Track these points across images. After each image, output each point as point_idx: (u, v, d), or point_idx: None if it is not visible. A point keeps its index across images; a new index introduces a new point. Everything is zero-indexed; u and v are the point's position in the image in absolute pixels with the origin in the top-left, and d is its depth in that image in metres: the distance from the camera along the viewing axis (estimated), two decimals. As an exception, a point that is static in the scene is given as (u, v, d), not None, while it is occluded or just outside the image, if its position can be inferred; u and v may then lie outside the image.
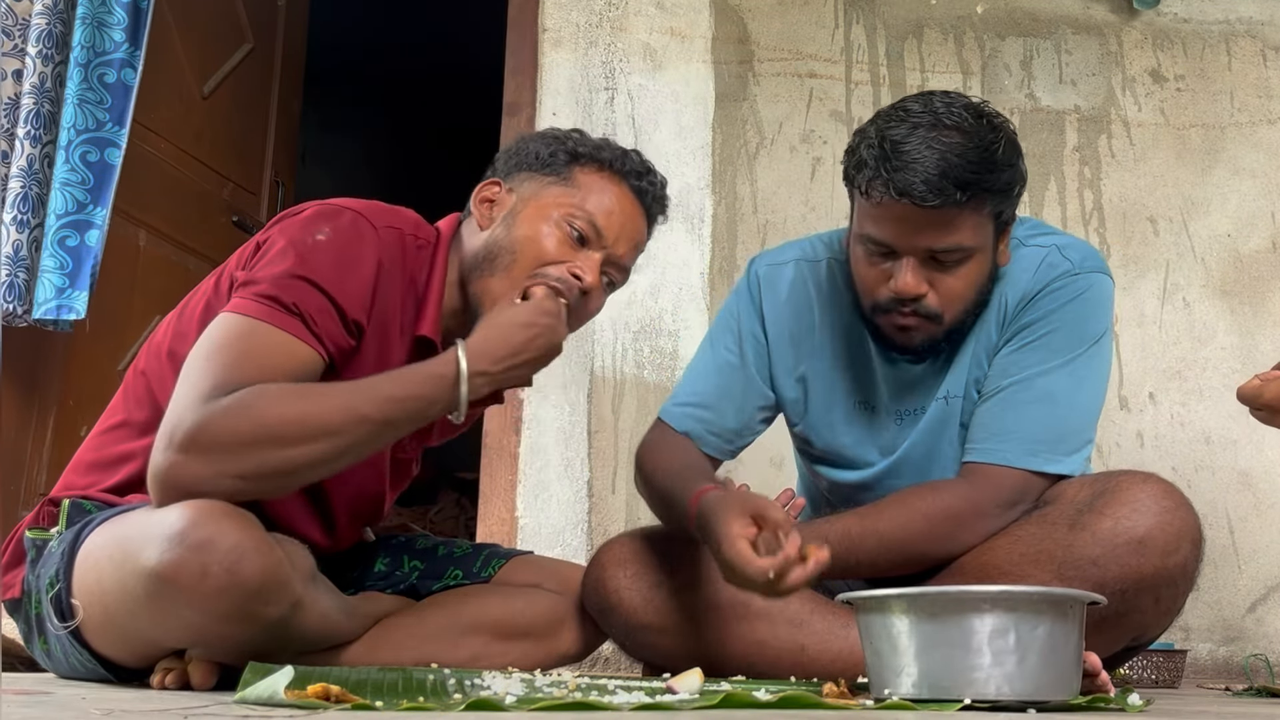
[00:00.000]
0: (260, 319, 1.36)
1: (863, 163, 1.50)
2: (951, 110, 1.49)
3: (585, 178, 1.56)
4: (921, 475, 1.63)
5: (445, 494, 4.61)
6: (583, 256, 1.53)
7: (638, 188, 1.59)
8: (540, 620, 1.66)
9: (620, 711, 1.05)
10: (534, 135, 1.64)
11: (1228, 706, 1.45)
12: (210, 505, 1.25)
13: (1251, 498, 2.87)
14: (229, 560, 1.22)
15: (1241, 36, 3.11)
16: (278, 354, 1.36)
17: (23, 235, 2.42)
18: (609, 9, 3.01)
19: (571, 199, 1.54)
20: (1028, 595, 1.15)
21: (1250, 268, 2.99)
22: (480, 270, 1.53)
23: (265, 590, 1.25)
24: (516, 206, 1.55)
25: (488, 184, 1.60)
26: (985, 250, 1.53)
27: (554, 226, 1.52)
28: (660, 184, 1.63)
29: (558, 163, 1.57)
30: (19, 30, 2.50)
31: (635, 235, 1.59)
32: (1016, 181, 1.52)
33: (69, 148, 2.46)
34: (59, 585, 1.36)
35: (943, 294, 1.53)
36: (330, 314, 1.40)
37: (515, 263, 1.51)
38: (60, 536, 1.41)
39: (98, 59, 2.52)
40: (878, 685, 1.18)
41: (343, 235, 1.44)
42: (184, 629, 1.29)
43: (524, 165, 1.59)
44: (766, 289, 1.74)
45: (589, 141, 1.60)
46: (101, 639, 1.35)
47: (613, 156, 1.58)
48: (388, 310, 1.49)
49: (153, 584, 1.23)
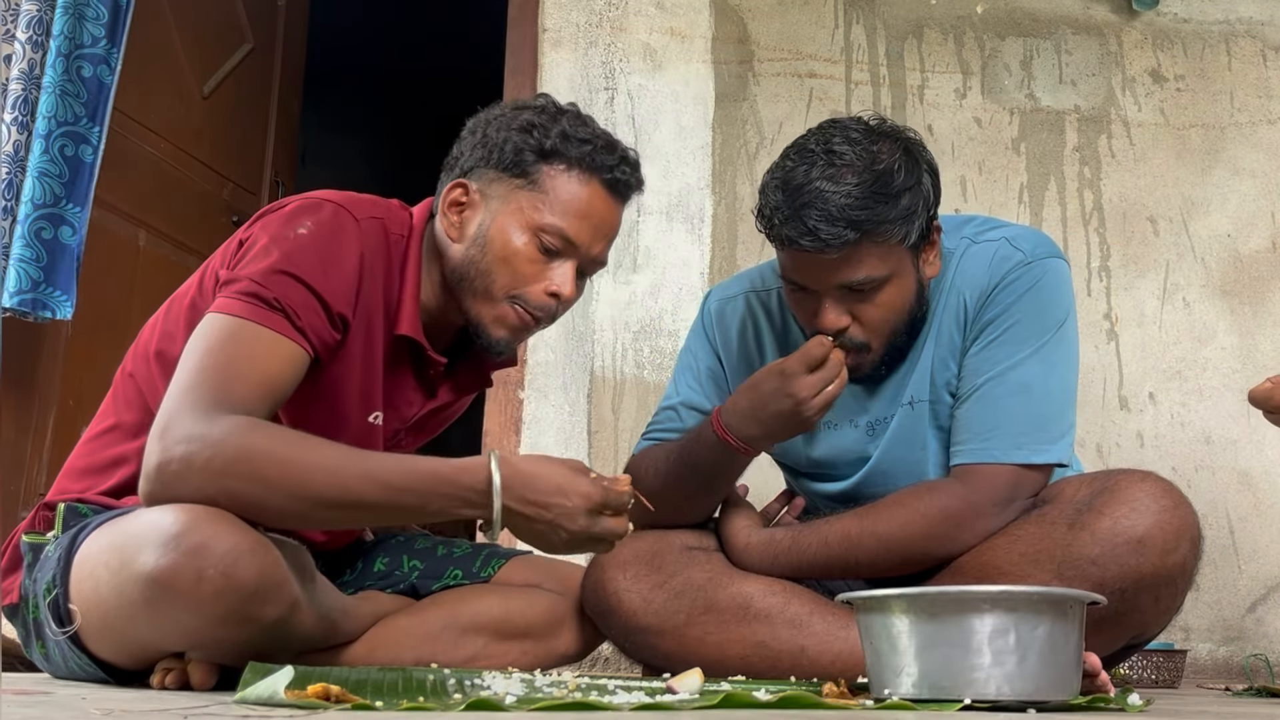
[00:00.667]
0: (245, 318, 1.36)
1: (762, 211, 1.55)
2: (846, 144, 1.52)
3: (554, 181, 1.49)
4: (899, 481, 1.63)
5: (445, 494, 4.61)
6: (556, 268, 1.50)
7: (610, 181, 1.52)
8: (540, 620, 1.66)
9: (620, 711, 1.05)
10: (499, 119, 1.54)
11: (1228, 706, 1.45)
12: (206, 509, 1.25)
13: (1251, 498, 2.87)
14: (225, 564, 1.21)
15: (1241, 36, 3.11)
16: (264, 353, 1.36)
17: (5, 222, 2.39)
18: (609, 9, 3.01)
19: (541, 209, 1.48)
20: (1028, 595, 1.15)
21: (1250, 268, 2.99)
22: (461, 289, 1.51)
23: (262, 593, 1.25)
24: (484, 221, 1.50)
25: (454, 186, 1.54)
26: (902, 273, 1.55)
27: (525, 245, 1.48)
28: (633, 166, 1.56)
29: (525, 162, 1.50)
30: (10, 16, 2.48)
31: (610, 230, 1.55)
32: (919, 202, 1.53)
33: (49, 137, 2.43)
34: (56, 590, 1.35)
35: (866, 324, 1.55)
36: (315, 309, 1.40)
37: (492, 285, 1.49)
38: (57, 541, 1.41)
39: (77, 50, 2.49)
40: (878, 685, 1.18)
41: (324, 228, 1.43)
42: (181, 632, 1.29)
43: (489, 162, 1.52)
44: (718, 323, 1.78)
45: (556, 129, 1.51)
46: (100, 643, 1.35)
47: (581, 153, 1.50)
48: (371, 304, 1.48)
49: (149, 589, 1.23)
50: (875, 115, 1.61)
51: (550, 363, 2.83)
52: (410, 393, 1.58)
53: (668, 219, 2.92)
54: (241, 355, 1.35)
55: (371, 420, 1.53)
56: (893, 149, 1.54)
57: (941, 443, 1.63)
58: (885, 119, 1.59)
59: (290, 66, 3.66)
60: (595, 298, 2.85)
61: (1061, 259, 1.64)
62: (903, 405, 1.65)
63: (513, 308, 1.50)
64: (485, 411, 2.75)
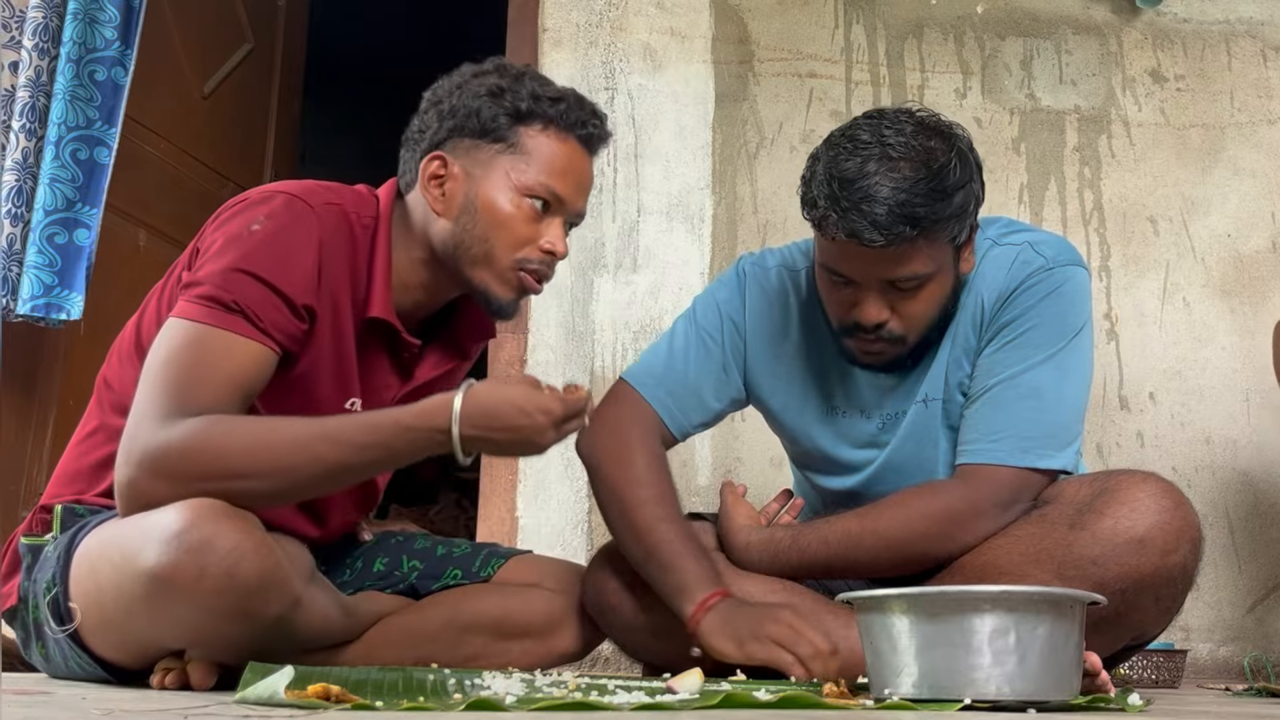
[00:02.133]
0: (204, 323, 1.37)
1: (814, 201, 1.51)
2: (900, 136, 1.49)
3: (532, 140, 1.51)
4: (910, 478, 1.63)
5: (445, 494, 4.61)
6: (547, 225, 1.52)
7: (584, 136, 1.55)
8: (539, 619, 1.66)
9: (620, 711, 1.05)
10: (464, 85, 1.55)
11: (1227, 706, 1.45)
12: (209, 505, 1.25)
13: (1251, 498, 2.87)
14: (227, 562, 1.22)
15: (1241, 36, 3.11)
16: (225, 356, 1.36)
17: (16, 229, 2.41)
18: (609, 9, 3.01)
19: (525, 170, 1.50)
20: (1028, 595, 1.15)
21: (1250, 268, 2.99)
22: (459, 260, 1.52)
23: (264, 590, 1.25)
24: (470, 191, 1.51)
25: (431, 160, 1.53)
26: (945, 270, 1.54)
27: (515, 207, 1.50)
28: (602, 120, 1.59)
29: (501, 127, 1.51)
30: (15, 23, 2.49)
31: (589, 184, 1.58)
32: (970, 201, 1.52)
33: (59, 144, 2.44)
34: (56, 589, 1.36)
35: (905, 317, 1.55)
36: (274, 304, 1.40)
37: (492, 251, 1.50)
38: (55, 541, 1.41)
39: (89, 55, 2.50)
40: (878, 685, 1.17)
41: (278, 221, 1.43)
42: (182, 629, 1.29)
43: (464, 131, 1.52)
44: (752, 285, 1.74)
45: (525, 90, 1.52)
46: (100, 640, 1.35)
47: (556, 111, 1.52)
48: (337, 290, 1.48)
49: (151, 585, 1.23)
50: (920, 107, 1.58)
51: (550, 363, 2.83)
52: (386, 376, 1.57)
53: (668, 219, 2.91)
54: (200, 362, 1.36)
55: (349, 407, 1.53)
56: (947, 146, 1.51)
57: (952, 442, 1.63)
58: (932, 112, 1.57)
59: (290, 66, 3.66)
60: (595, 297, 2.86)
61: (1083, 268, 1.62)
62: (917, 402, 1.64)
63: (515, 272, 1.51)
64: (485, 411, 2.75)
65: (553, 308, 2.84)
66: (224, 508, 1.26)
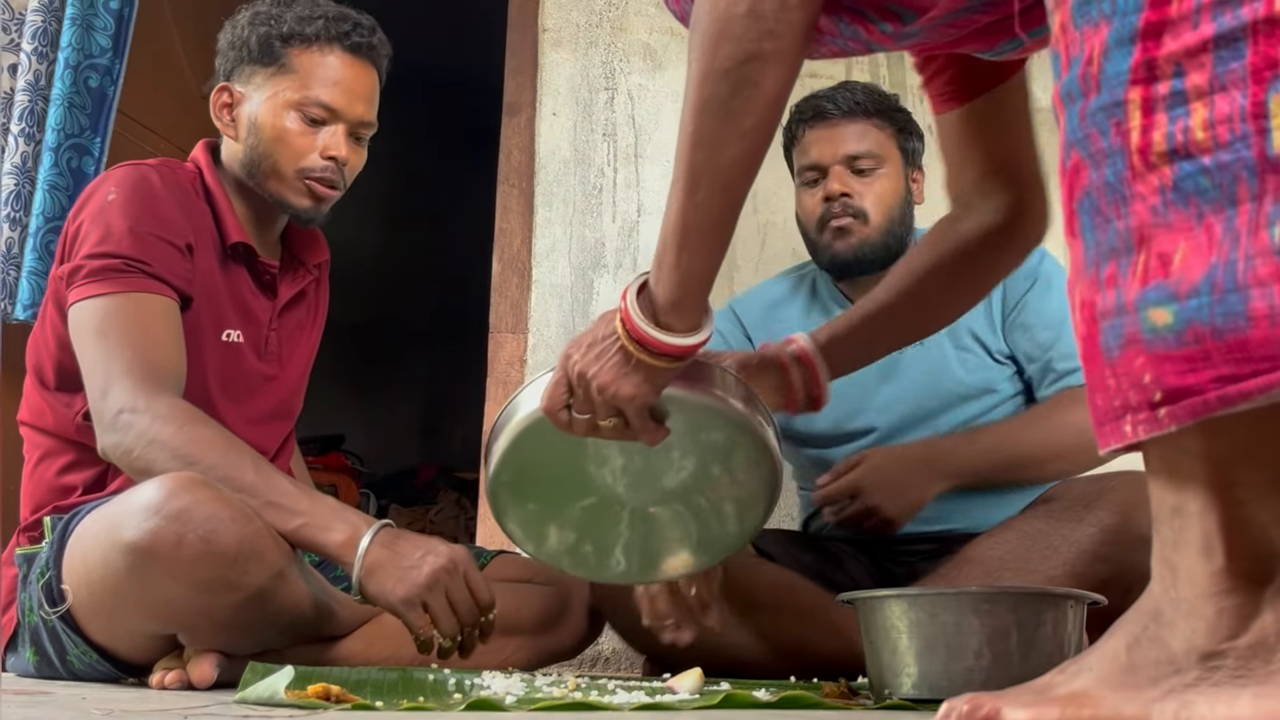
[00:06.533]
0: (110, 292, 1.46)
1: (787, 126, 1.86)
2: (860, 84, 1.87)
3: (300, 59, 1.63)
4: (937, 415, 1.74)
5: (445, 494, 4.61)
6: (326, 134, 1.63)
7: (351, 45, 1.66)
8: (535, 615, 1.65)
9: (620, 711, 1.05)
10: (238, 21, 1.70)
11: (1228, 706, 1.45)
12: (188, 478, 1.29)
13: (1252, 498, 2.86)
14: (204, 529, 1.25)
15: (1242, 36, 3.11)
16: (144, 316, 1.46)
17: (15, 233, 2.42)
18: (609, 9, 3.02)
19: (295, 87, 1.62)
20: (1028, 595, 1.15)
21: (1250, 268, 2.99)
22: (256, 177, 1.63)
23: (243, 558, 1.27)
24: (254, 112, 1.63)
25: (219, 91, 1.67)
26: (895, 169, 1.81)
27: (292, 123, 1.61)
28: (369, 29, 1.71)
29: (273, 49, 1.63)
30: (15, 25, 2.50)
31: (365, 90, 1.68)
32: (914, 129, 1.85)
33: (57, 150, 2.45)
34: (50, 573, 1.39)
35: (864, 195, 1.79)
36: (160, 248, 1.50)
37: (278, 164, 1.61)
38: (50, 541, 1.43)
39: (86, 61, 2.51)
40: (878, 685, 1.18)
41: (128, 182, 1.54)
42: (166, 604, 1.30)
43: (242, 60, 1.66)
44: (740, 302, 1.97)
45: (291, 15, 1.65)
46: (91, 622, 1.37)
47: (316, 29, 1.64)
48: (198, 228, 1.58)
49: (132, 556, 1.26)
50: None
51: (550, 362, 2.81)
52: (254, 299, 1.66)
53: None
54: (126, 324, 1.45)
55: (226, 339, 1.61)
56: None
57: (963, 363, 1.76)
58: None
59: (290, 66, 3.66)
60: (595, 297, 2.86)
61: None
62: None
63: (302, 181, 1.62)
64: (485, 412, 2.74)
65: (553, 308, 2.84)
66: (202, 480, 1.30)
